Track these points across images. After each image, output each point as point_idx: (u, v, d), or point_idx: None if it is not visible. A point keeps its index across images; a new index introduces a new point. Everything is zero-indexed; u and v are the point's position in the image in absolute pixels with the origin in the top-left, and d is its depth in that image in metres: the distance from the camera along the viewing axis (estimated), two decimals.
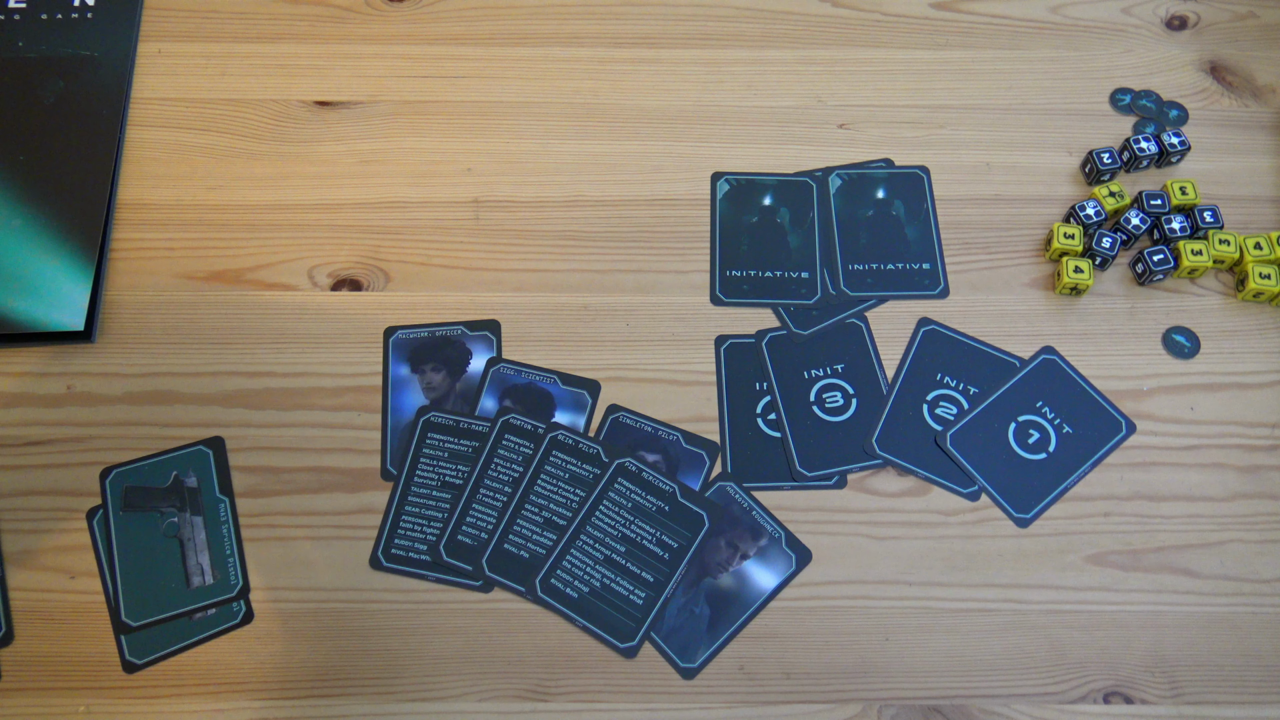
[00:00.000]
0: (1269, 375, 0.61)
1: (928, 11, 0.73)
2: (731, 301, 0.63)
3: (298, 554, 0.56)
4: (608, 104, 0.69)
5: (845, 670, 0.54)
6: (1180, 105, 0.70)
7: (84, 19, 0.71)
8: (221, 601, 0.55)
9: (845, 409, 0.60)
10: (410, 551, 0.56)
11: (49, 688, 0.53)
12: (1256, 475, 0.59)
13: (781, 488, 0.58)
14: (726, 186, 0.67)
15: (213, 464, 0.58)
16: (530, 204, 0.66)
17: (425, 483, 0.58)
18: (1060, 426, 0.59)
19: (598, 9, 0.73)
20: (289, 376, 0.60)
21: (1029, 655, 0.54)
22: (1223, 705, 0.53)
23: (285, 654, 0.54)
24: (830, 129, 0.69)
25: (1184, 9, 0.74)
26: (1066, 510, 0.58)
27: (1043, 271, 0.64)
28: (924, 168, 0.67)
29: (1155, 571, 0.56)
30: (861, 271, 0.64)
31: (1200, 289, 0.64)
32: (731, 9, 0.73)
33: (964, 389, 0.60)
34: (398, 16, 0.72)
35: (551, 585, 0.55)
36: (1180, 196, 0.65)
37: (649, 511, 0.57)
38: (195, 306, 0.62)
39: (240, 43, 0.71)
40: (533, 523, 0.57)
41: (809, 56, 0.71)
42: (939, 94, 0.70)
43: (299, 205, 0.65)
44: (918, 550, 0.57)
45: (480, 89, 0.70)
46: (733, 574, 0.56)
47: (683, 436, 0.59)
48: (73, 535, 0.56)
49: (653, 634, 0.54)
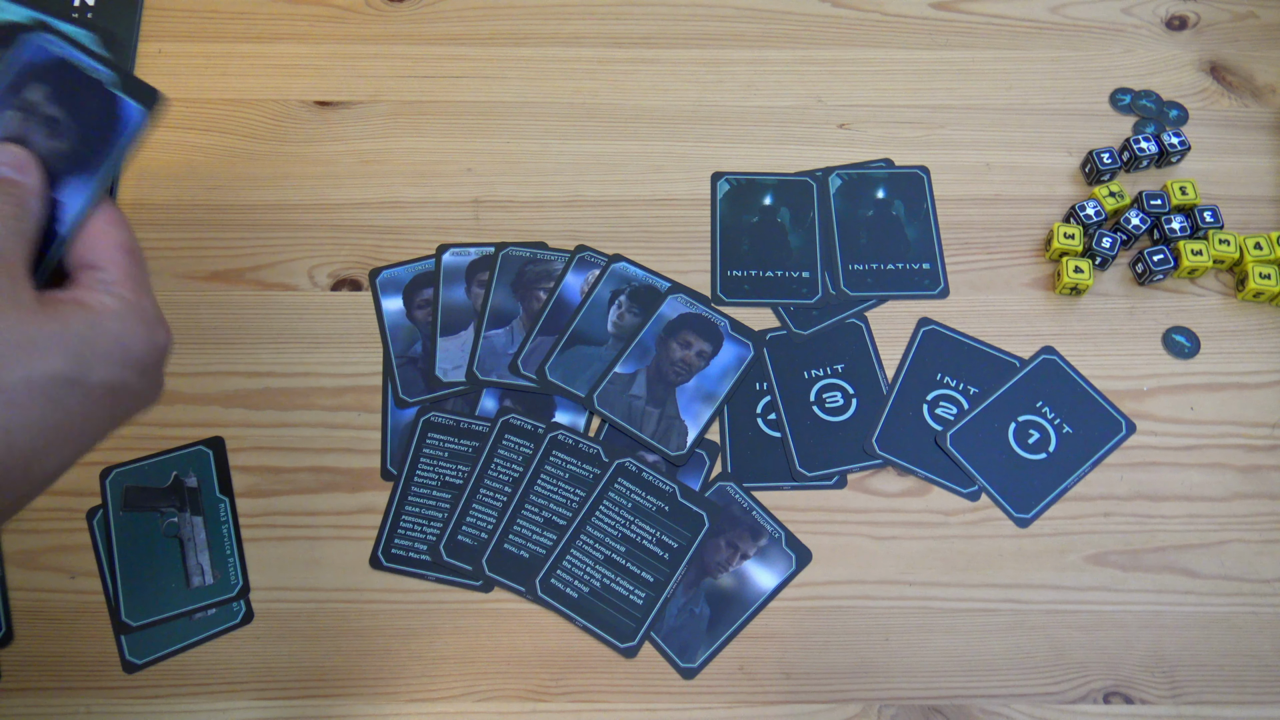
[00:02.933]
0: (1269, 375, 0.61)
1: (928, 11, 0.73)
2: (732, 301, 0.63)
3: (298, 554, 0.56)
4: (608, 104, 0.69)
5: (845, 670, 0.54)
6: (1180, 105, 0.70)
7: (84, 19, 0.70)
8: (221, 601, 0.55)
9: (845, 409, 0.60)
10: (410, 551, 0.56)
11: (49, 688, 0.53)
12: (1256, 475, 0.59)
13: (781, 488, 0.58)
14: (726, 186, 0.67)
15: (213, 464, 0.58)
16: (530, 204, 0.66)
17: (425, 483, 0.58)
18: (1060, 426, 0.59)
19: (598, 9, 0.73)
20: (289, 376, 0.60)
21: (1029, 655, 0.54)
22: (1223, 705, 0.53)
23: (285, 654, 0.54)
24: (830, 129, 0.69)
25: (1184, 9, 0.74)
26: (1066, 510, 0.58)
27: (1043, 271, 0.64)
28: (924, 168, 0.67)
29: (1155, 571, 0.56)
30: (861, 271, 0.64)
31: (1200, 289, 0.64)
32: (731, 9, 0.73)
33: (964, 389, 0.60)
34: (398, 16, 0.72)
35: (551, 585, 0.55)
36: (1180, 196, 0.65)
37: (649, 511, 0.57)
38: (195, 306, 0.62)
39: (240, 43, 0.71)
40: (533, 523, 0.57)
41: (809, 56, 0.71)
42: (939, 94, 0.70)
43: (299, 205, 0.65)
44: (918, 550, 0.57)
45: (480, 89, 0.70)
46: (733, 574, 0.56)
47: None
48: (73, 535, 0.56)
49: (653, 634, 0.54)
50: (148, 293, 0.40)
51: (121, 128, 0.41)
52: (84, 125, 0.41)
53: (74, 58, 0.41)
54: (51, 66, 0.41)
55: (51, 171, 0.40)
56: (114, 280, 0.39)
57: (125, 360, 0.38)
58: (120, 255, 0.40)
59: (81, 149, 0.41)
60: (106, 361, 0.37)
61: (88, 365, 0.36)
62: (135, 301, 0.39)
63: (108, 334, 0.37)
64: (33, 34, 0.40)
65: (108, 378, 0.37)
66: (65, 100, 0.41)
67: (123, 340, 0.38)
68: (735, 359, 0.61)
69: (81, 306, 0.37)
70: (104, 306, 0.38)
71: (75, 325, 0.36)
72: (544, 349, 0.60)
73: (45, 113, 0.41)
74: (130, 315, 0.38)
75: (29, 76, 0.41)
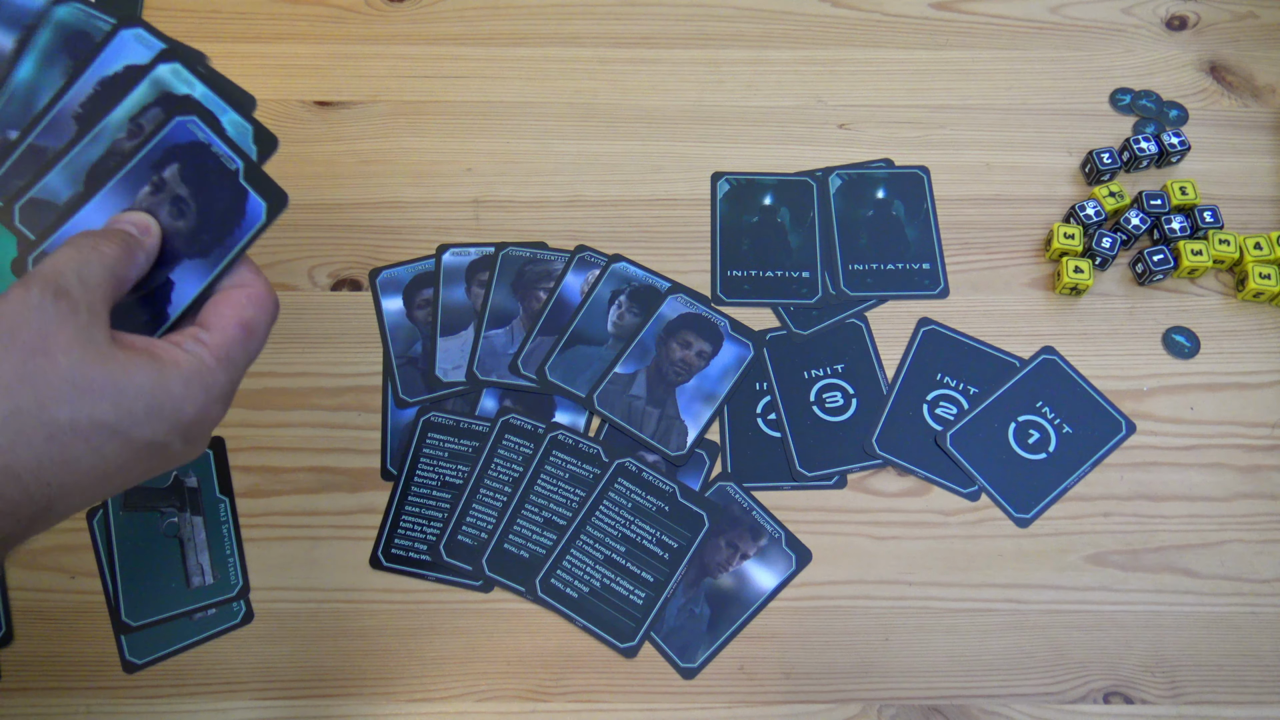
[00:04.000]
0: (1269, 375, 0.61)
1: (928, 11, 0.73)
2: (732, 301, 0.63)
3: (298, 554, 0.56)
4: (608, 104, 0.69)
5: (845, 670, 0.54)
6: (1180, 105, 0.70)
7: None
8: (221, 601, 0.55)
9: (845, 409, 0.60)
10: (410, 551, 0.56)
11: (49, 688, 0.53)
12: (1256, 475, 0.59)
13: (781, 488, 0.58)
14: (726, 186, 0.67)
15: (213, 464, 0.58)
16: (530, 204, 0.66)
17: (425, 483, 0.58)
18: (1060, 426, 0.59)
19: (598, 9, 0.73)
20: (289, 376, 0.60)
21: (1029, 655, 0.54)
22: (1223, 705, 0.53)
23: (285, 654, 0.54)
24: (830, 129, 0.69)
25: (1184, 9, 0.74)
26: (1066, 510, 0.58)
27: (1043, 271, 0.64)
28: (924, 168, 0.67)
29: (1155, 571, 0.56)
30: (861, 271, 0.64)
31: (1200, 289, 0.64)
32: (731, 9, 0.73)
33: (964, 389, 0.60)
34: (398, 16, 0.72)
35: (551, 585, 0.55)
36: (1180, 196, 0.65)
37: (649, 511, 0.57)
38: None
39: (240, 43, 0.71)
40: (533, 523, 0.57)
41: (809, 56, 0.71)
42: (939, 94, 0.70)
43: (299, 205, 0.65)
44: (918, 550, 0.57)
45: (480, 89, 0.70)
46: (733, 574, 0.56)
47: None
48: (73, 535, 0.56)
49: (653, 634, 0.54)
50: (231, 369, 0.39)
51: (243, 221, 0.41)
52: (208, 211, 0.41)
53: (214, 144, 0.41)
54: (191, 148, 0.41)
55: (171, 248, 0.41)
56: (206, 341, 0.39)
57: (174, 423, 0.37)
58: (233, 327, 0.40)
59: (202, 233, 0.41)
60: (155, 419, 0.37)
61: (136, 420, 0.36)
62: (210, 369, 0.38)
63: (166, 392, 0.37)
64: (186, 118, 0.41)
65: (152, 435, 0.37)
66: (196, 183, 0.41)
67: (178, 402, 0.37)
68: (735, 359, 0.61)
69: (152, 359, 0.37)
70: (174, 362, 0.37)
71: (137, 377, 0.36)
72: (544, 349, 0.60)
73: (175, 191, 0.41)
74: (196, 380, 0.38)
75: (170, 155, 0.41)
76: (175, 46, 0.43)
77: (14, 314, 0.35)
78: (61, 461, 0.35)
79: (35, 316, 0.35)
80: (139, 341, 0.38)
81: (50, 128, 0.42)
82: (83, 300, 0.36)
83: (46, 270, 0.36)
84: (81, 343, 0.35)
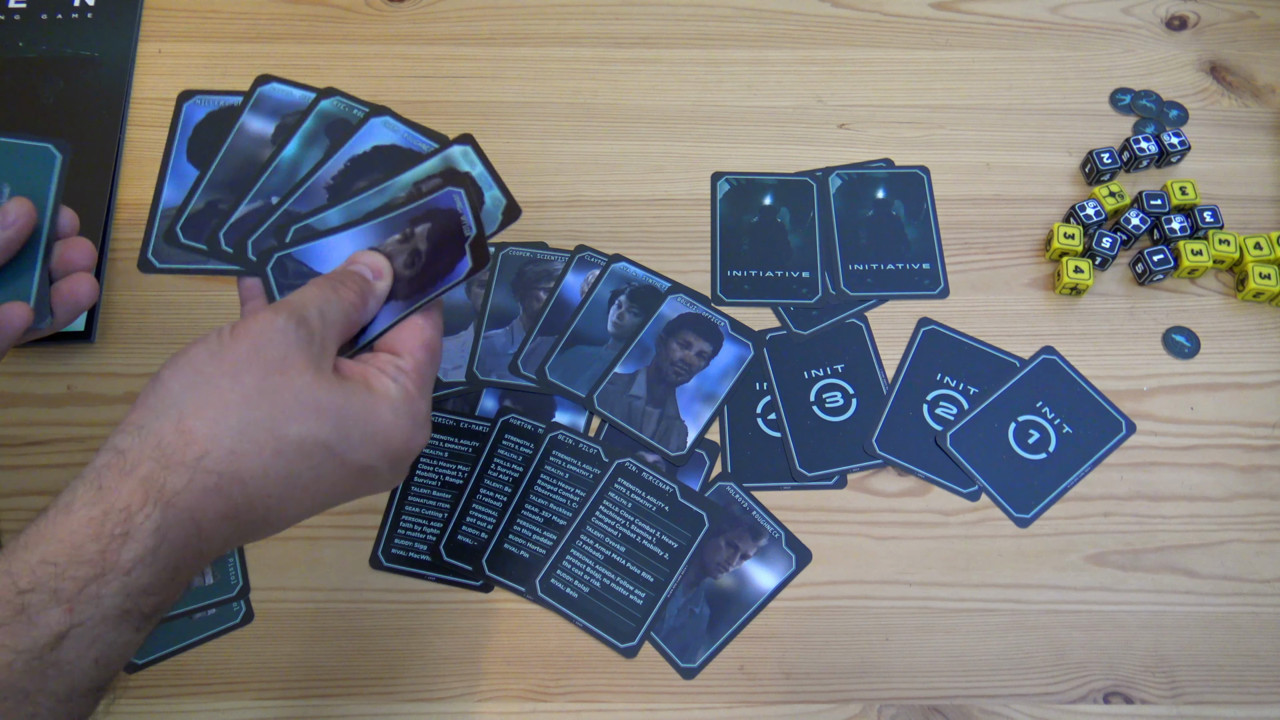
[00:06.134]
0: (1269, 375, 0.61)
1: (928, 11, 0.73)
2: (732, 301, 0.63)
3: (297, 554, 0.56)
4: (608, 104, 0.69)
5: (845, 670, 0.54)
6: (1180, 105, 0.70)
7: (84, 19, 0.70)
8: (221, 601, 0.55)
9: (845, 409, 0.60)
10: (410, 551, 0.56)
11: None
12: (1256, 475, 0.59)
13: (781, 488, 0.58)
14: (726, 186, 0.67)
15: None
16: (530, 204, 0.66)
17: (425, 483, 0.58)
18: (1060, 426, 0.59)
19: (598, 9, 0.73)
20: None
21: (1029, 655, 0.54)
22: (1223, 705, 0.53)
23: (285, 654, 0.54)
24: (830, 129, 0.69)
25: (1184, 9, 0.74)
26: (1066, 510, 0.58)
27: (1043, 271, 0.64)
28: (924, 168, 0.67)
29: (1155, 571, 0.56)
30: (861, 271, 0.64)
31: (1200, 289, 0.64)
32: (731, 9, 0.73)
33: (964, 389, 0.60)
34: (398, 16, 0.72)
35: (551, 585, 0.55)
36: (1180, 196, 0.65)
37: (649, 511, 0.57)
38: (195, 306, 0.62)
39: (240, 43, 0.71)
40: (533, 523, 0.57)
41: (809, 56, 0.71)
42: (939, 94, 0.70)
43: None
44: (918, 550, 0.57)
45: (480, 89, 0.70)
46: (733, 574, 0.56)
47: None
48: None
49: (653, 634, 0.54)
50: (427, 394, 0.43)
51: (451, 276, 0.44)
52: (433, 265, 0.45)
53: (465, 214, 0.45)
54: (447, 214, 0.45)
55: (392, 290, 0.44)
56: (406, 370, 0.42)
57: (384, 449, 0.40)
58: (421, 351, 0.43)
59: (418, 282, 0.44)
60: (368, 444, 0.40)
61: (351, 443, 0.39)
62: (414, 398, 0.42)
63: (379, 420, 0.40)
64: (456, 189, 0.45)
65: (363, 459, 0.40)
66: (435, 241, 0.45)
67: (388, 431, 0.40)
68: (735, 359, 0.61)
69: (367, 388, 0.40)
70: (385, 393, 0.41)
71: (355, 403, 0.40)
72: (544, 349, 0.60)
73: (417, 245, 0.45)
74: (403, 410, 0.41)
75: (428, 214, 0.45)
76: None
77: (262, 333, 0.39)
78: (284, 475, 0.38)
79: (279, 338, 0.39)
80: (357, 371, 0.41)
81: (305, 196, 0.48)
82: (319, 332, 0.40)
83: (294, 301, 0.41)
84: (314, 368, 0.39)
